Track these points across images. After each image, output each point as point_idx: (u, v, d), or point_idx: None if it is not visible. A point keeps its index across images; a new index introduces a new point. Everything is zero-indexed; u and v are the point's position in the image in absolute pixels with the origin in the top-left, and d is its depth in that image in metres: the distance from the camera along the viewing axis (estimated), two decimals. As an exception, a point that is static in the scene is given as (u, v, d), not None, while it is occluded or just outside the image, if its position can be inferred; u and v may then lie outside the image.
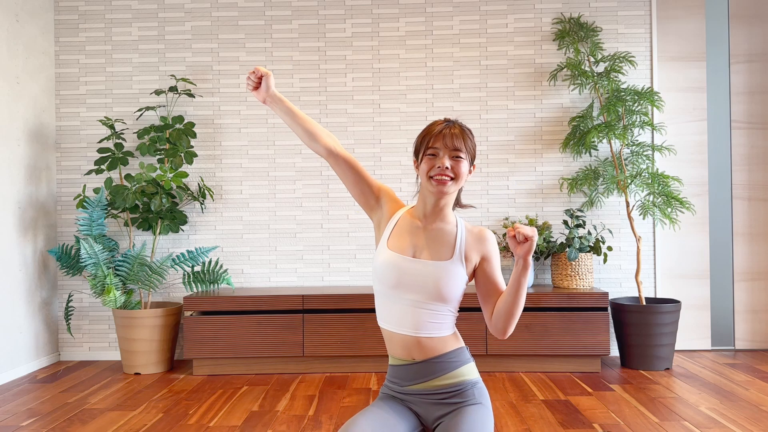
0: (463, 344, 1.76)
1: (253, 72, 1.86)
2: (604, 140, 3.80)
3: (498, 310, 1.71)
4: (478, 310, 3.54)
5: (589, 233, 3.77)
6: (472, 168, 1.77)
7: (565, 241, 3.73)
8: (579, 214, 3.82)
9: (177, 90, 3.90)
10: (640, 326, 3.58)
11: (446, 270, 1.71)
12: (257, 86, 1.91)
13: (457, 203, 1.84)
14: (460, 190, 1.81)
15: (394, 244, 1.77)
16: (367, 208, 1.84)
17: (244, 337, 3.57)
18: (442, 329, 1.72)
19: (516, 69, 4.03)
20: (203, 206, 3.99)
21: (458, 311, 1.76)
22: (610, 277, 3.99)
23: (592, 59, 3.92)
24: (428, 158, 1.73)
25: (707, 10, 4.04)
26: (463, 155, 1.72)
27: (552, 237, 3.83)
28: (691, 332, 4.00)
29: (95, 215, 3.73)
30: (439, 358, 1.71)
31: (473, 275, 1.77)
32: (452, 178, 1.71)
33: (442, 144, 1.72)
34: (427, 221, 1.78)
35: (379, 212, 1.84)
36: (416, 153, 1.79)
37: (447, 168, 1.70)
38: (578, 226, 3.74)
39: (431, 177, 1.71)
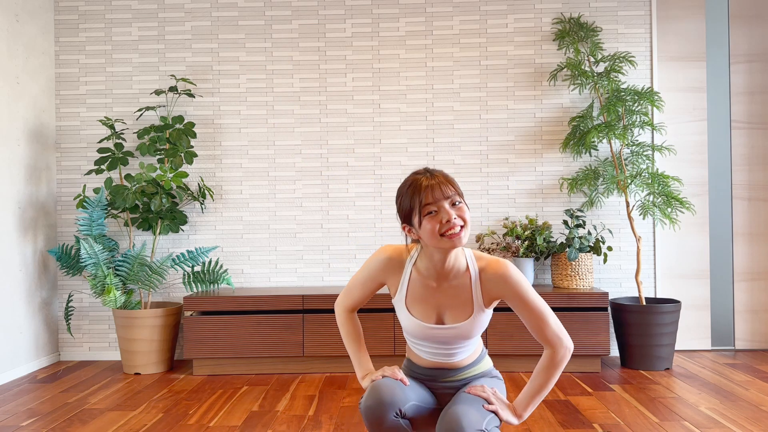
0: (483, 348, 1.89)
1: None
2: (604, 140, 3.80)
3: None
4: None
5: (589, 233, 3.77)
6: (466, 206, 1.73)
7: (565, 241, 3.73)
8: (579, 214, 3.82)
9: (177, 90, 3.90)
10: (640, 326, 3.58)
11: (471, 325, 1.75)
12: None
13: None
14: None
15: (416, 310, 1.78)
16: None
17: (244, 337, 3.57)
18: (472, 352, 1.84)
19: (516, 69, 4.03)
20: (203, 206, 3.99)
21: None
22: (610, 277, 3.99)
23: (592, 59, 3.92)
24: (429, 217, 1.64)
25: (707, 10, 4.04)
26: (459, 199, 1.67)
27: (552, 237, 3.83)
28: (691, 332, 4.00)
29: (95, 215, 3.73)
30: (461, 369, 1.84)
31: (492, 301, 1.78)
32: (462, 226, 1.65)
33: (435, 197, 1.64)
34: (440, 280, 1.75)
35: (389, 279, 1.84)
36: (407, 217, 1.69)
37: (455, 218, 1.64)
38: (578, 226, 3.74)
39: (443, 234, 1.64)
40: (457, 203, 1.66)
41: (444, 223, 1.63)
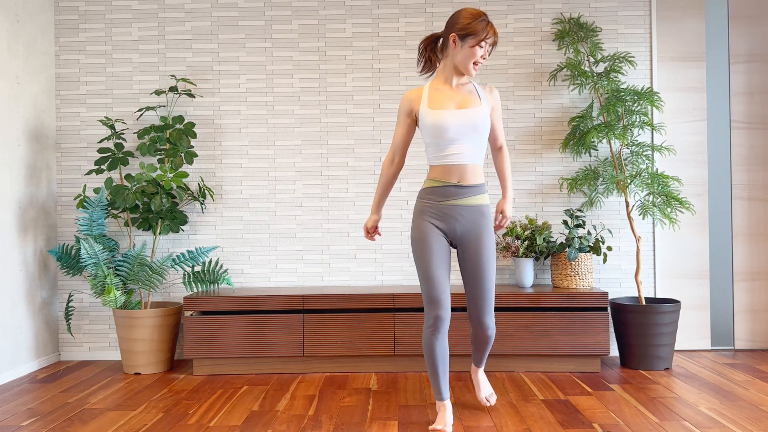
0: (484, 179, 2.63)
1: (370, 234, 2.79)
2: (604, 140, 3.81)
3: (498, 168, 2.80)
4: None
5: (589, 233, 3.78)
6: None
7: (564, 241, 3.73)
8: (579, 214, 3.82)
9: (177, 90, 3.91)
10: (639, 326, 3.58)
11: (479, 112, 2.54)
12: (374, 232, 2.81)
13: None
14: None
15: (437, 105, 2.55)
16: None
17: (244, 337, 3.57)
18: (480, 159, 2.59)
19: (516, 69, 4.04)
20: (203, 206, 3.99)
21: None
22: (609, 277, 3.99)
23: (591, 59, 3.92)
24: (477, 48, 2.50)
25: (707, 10, 4.04)
26: (491, 51, 2.57)
27: (552, 237, 3.84)
28: (691, 332, 4.01)
29: (95, 215, 3.73)
30: (472, 186, 2.56)
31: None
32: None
33: (489, 42, 2.51)
34: (453, 86, 2.60)
35: (414, 104, 2.61)
36: (465, 35, 2.49)
37: (483, 59, 2.54)
38: (578, 226, 3.74)
39: (475, 63, 2.52)
40: (488, 53, 2.56)
41: (479, 58, 2.52)
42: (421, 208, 2.57)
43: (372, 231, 2.76)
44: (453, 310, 3.34)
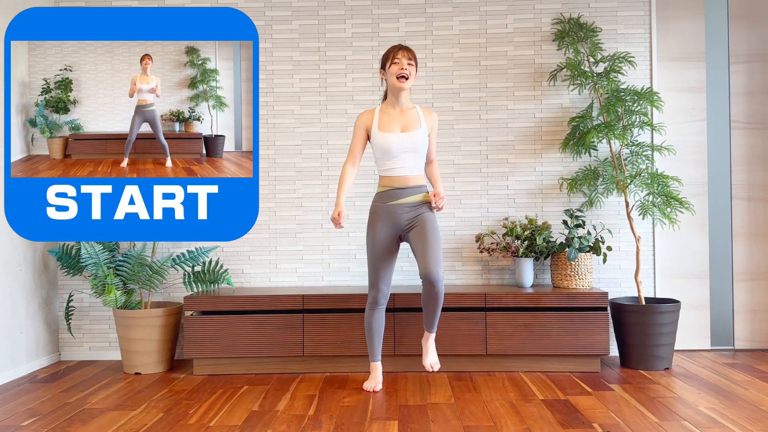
0: (425, 182, 3.15)
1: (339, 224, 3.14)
2: (604, 140, 3.81)
3: (429, 175, 3.25)
4: (478, 310, 3.55)
5: (589, 233, 3.78)
6: (415, 72, 3.08)
7: (564, 241, 3.74)
8: (578, 214, 3.82)
9: (177, 90, 3.91)
10: (639, 326, 3.58)
11: (420, 135, 3.08)
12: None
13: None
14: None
15: (385, 128, 3.07)
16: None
17: (244, 337, 3.58)
18: (419, 170, 3.13)
19: (516, 69, 4.04)
20: (203, 206, 3.99)
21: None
22: (609, 277, 4.00)
23: (591, 59, 3.93)
24: (394, 65, 3.03)
25: (707, 10, 4.04)
26: (413, 62, 3.06)
27: (552, 237, 3.84)
28: (691, 332, 4.01)
29: (95, 215, 3.73)
30: (412, 188, 3.09)
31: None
32: (406, 78, 3.03)
33: (401, 56, 3.03)
34: (398, 109, 3.11)
35: (367, 122, 3.12)
36: (383, 66, 3.08)
37: (405, 69, 3.02)
38: (578, 226, 3.74)
39: (398, 77, 3.02)
40: (410, 65, 3.04)
41: (399, 69, 3.02)
42: (374, 210, 3.14)
43: (339, 220, 3.10)
44: (447, 309, 3.50)
